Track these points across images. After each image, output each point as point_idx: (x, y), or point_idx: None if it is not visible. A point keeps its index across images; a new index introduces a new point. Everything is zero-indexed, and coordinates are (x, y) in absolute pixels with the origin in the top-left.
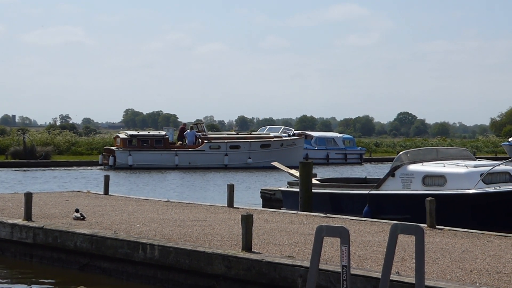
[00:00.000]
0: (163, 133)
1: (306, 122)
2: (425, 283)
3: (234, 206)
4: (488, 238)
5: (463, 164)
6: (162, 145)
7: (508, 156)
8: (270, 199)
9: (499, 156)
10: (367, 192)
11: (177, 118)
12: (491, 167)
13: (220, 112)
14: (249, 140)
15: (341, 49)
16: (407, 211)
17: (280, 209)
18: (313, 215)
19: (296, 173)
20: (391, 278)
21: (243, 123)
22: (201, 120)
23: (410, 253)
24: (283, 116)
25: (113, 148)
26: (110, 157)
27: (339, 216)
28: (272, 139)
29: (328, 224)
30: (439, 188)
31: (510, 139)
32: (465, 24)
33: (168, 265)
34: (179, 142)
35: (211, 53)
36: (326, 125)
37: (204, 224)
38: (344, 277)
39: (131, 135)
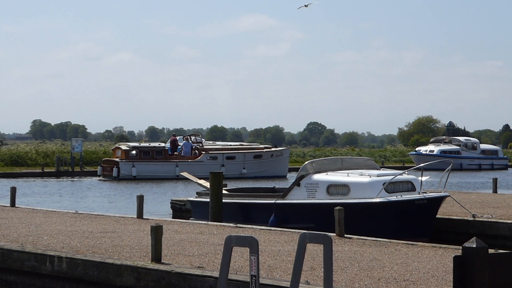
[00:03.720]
0: (162, 144)
1: (217, 132)
2: None
3: (144, 217)
4: (395, 247)
5: (367, 174)
6: (162, 156)
7: (415, 165)
8: (180, 210)
9: (407, 165)
10: (273, 201)
11: (86, 129)
12: (393, 176)
13: (129, 122)
14: (243, 151)
15: (251, 60)
16: (312, 220)
17: (189, 219)
18: (223, 225)
19: (206, 183)
20: (300, 287)
21: (153, 134)
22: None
23: (319, 262)
24: (194, 126)
25: (116, 159)
26: (114, 168)
27: (250, 226)
28: (263, 150)
29: (238, 234)
30: (343, 197)
31: (417, 149)
32: (373, 35)
33: (77, 278)
34: (175, 153)
35: (120, 63)
36: (237, 135)
37: (113, 235)
38: (253, 286)
39: (133, 147)
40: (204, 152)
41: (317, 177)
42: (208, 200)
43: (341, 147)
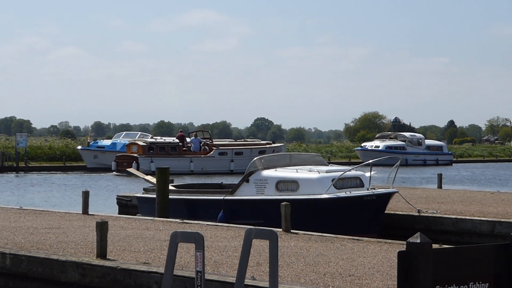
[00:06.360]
0: (176, 140)
1: (164, 128)
2: (279, 287)
3: (89, 213)
4: (341, 242)
5: (316, 170)
6: (176, 152)
7: (361, 161)
8: (127, 206)
9: (353, 161)
10: (222, 197)
11: (31, 124)
12: (342, 172)
13: (75, 117)
14: (249, 147)
15: (198, 55)
16: (261, 216)
17: (136, 215)
18: (169, 221)
19: (152, 179)
20: (246, 283)
21: (99, 129)
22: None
23: (266, 258)
24: (140, 122)
25: (133, 155)
26: (134, 163)
27: (196, 221)
28: (266, 146)
29: (184, 230)
30: (292, 193)
31: (362, 144)
32: (319, 31)
33: (21, 274)
34: (184, 149)
35: (66, 58)
36: (184, 130)
37: (58, 231)
38: (198, 282)
39: (150, 143)
40: (214, 148)
41: (266, 173)
42: (155, 196)
43: (288, 143)
